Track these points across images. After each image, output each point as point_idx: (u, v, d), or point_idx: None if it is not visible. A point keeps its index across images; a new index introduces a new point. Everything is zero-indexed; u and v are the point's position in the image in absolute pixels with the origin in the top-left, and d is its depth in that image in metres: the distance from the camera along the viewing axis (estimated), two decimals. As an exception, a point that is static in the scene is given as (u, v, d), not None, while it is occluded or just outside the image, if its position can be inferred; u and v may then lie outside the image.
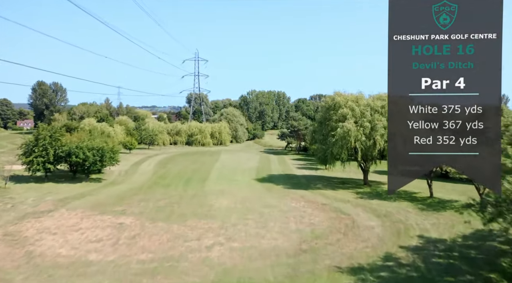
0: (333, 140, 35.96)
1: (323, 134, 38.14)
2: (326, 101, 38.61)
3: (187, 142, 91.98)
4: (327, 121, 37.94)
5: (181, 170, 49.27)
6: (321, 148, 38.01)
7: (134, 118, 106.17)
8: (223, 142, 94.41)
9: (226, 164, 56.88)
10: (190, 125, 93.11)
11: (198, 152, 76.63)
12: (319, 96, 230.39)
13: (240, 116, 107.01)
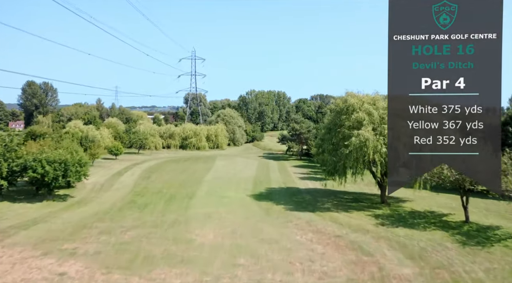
0: (346, 151, 28.89)
1: (333, 143, 31.04)
2: (336, 103, 31.51)
3: (181, 145, 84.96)
4: (338, 127, 30.85)
5: (167, 182, 42.16)
6: (330, 159, 30.91)
7: (126, 120, 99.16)
8: (219, 145, 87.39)
9: (219, 173, 49.80)
10: (184, 127, 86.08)
11: (192, 158, 69.55)
12: (320, 96, 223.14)
13: (238, 118, 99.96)
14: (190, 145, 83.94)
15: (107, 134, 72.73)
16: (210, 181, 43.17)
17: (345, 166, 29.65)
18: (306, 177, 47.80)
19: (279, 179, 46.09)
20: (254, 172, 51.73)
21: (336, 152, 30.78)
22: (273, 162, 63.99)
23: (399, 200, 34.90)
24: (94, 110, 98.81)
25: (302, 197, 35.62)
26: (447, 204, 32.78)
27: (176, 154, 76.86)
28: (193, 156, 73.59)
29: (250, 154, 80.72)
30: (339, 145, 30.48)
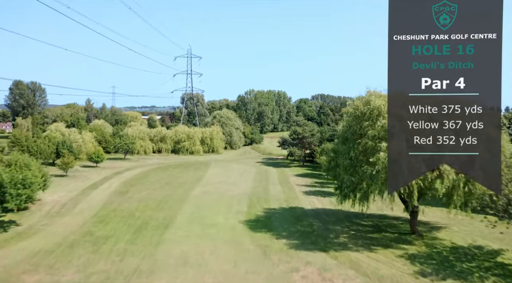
0: (370, 171, 21.18)
1: (350, 158, 23.22)
2: (355, 106, 23.61)
3: (173, 149, 77.26)
4: (358, 137, 23.08)
5: (144, 200, 34.43)
6: (348, 179, 23.12)
7: (116, 122, 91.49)
8: (215, 149, 79.68)
9: (210, 186, 42.06)
10: (176, 130, 78.35)
11: (182, 164, 61.81)
12: (321, 96, 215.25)
13: (235, 119, 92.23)
14: (183, 149, 76.27)
15: (90, 139, 65.10)
16: (197, 198, 35.44)
17: (368, 189, 21.92)
18: (312, 191, 40.02)
19: (279, 194, 38.33)
20: (251, 183, 44.01)
21: (356, 169, 23.01)
22: (273, 170, 56.27)
23: (430, 225, 27.27)
24: (81, 111, 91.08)
25: (309, 223, 27.80)
26: (492, 233, 24.96)
27: (166, 159, 69.15)
28: (184, 161, 65.86)
29: (248, 158, 73.01)
30: (360, 161, 22.74)
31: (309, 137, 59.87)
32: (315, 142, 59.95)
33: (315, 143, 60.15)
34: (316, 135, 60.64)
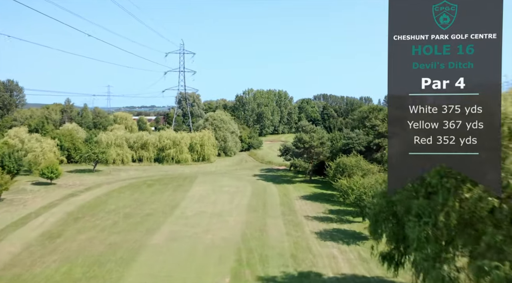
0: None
1: (447, 228, 10.53)
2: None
3: (157, 158, 64.47)
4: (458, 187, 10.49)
5: (70, 259, 21.49)
6: (437, 274, 10.48)
7: (95, 125, 78.73)
8: (206, 157, 66.86)
9: (183, 223, 29.01)
10: (160, 135, 65.51)
11: (161, 179, 48.99)
12: (323, 96, 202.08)
13: (230, 122, 79.44)
14: (168, 158, 63.50)
15: (51, 147, 52.39)
16: (156, 252, 22.62)
17: None
18: (329, 233, 27.15)
19: (283, 239, 25.48)
20: (243, 216, 31.24)
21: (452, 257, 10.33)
22: (273, 189, 43.53)
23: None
24: (55, 113, 78.27)
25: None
26: None
27: (145, 171, 56.35)
28: (166, 175, 53.06)
29: (244, 169, 60.22)
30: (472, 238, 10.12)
31: (318, 146, 47.10)
32: (325, 153, 47.21)
33: (325, 154, 47.43)
34: (326, 144, 47.86)
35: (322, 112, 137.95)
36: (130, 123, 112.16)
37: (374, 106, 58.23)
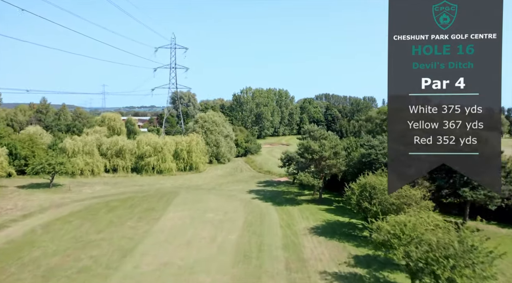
0: None
1: None
2: None
3: (135, 167, 53.10)
4: None
5: None
6: None
7: (68, 128, 67.30)
8: (194, 166, 55.47)
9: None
10: (139, 140, 54.12)
11: (131, 199, 37.52)
12: (326, 95, 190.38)
13: (224, 124, 67.99)
14: (148, 167, 52.12)
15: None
16: None
17: None
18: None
19: None
20: (227, 277, 19.85)
21: None
22: (273, 214, 32.24)
23: None
24: (22, 114, 66.81)
25: None
26: None
27: (116, 185, 44.89)
28: (139, 191, 41.63)
29: (238, 181, 48.87)
30: None
31: (331, 158, 35.65)
32: (339, 166, 35.78)
33: (339, 167, 36.01)
34: (341, 155, 36.41)
35: (325, 113, 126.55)
36: (118, 124, 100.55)
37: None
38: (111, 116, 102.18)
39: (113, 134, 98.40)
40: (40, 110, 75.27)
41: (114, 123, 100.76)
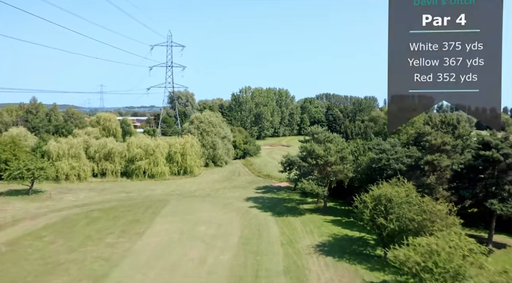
0: None
1: None
2: None
3: (125, 171, 49.30)
4: None
5: None
6: None
7: (56, 130, 63.47)
8: (188, 170, 51.66)
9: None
10: (130, 142, 50.28)
11: (115, 209, 33.68)
12: (326, 95, 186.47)
13: (221, 125, 64.14)
14: (139, 171, 48.33)
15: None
16: None
17: None
18: None
19: None
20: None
21: None
22: (273, 226, 28.43)
23: None
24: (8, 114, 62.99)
25: None
26: None
27: (102, 192, 41.06)
28: (125, 199, 37.82)
29: (235, 187, 45.10)
30: None
31: (337, 163, 31.85)
32: (346, 172, 31.95)
33: (346, 173, 32.19)
34: (349, 160, 32.59)
35: (326, 113, 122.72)
36: (114, 125, 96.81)
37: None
38: (106, 116, 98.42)
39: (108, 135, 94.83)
40: (30, 110, 71.47)
41: (110, 123, 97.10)
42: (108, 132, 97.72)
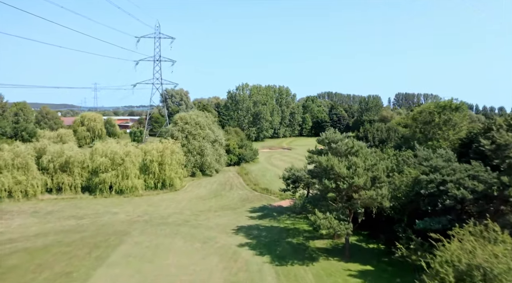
0: None
1: None
2: None
3: (87, 186, 38.58)
4: None
5: None
6: None
7: (14, 132, 52.67)
8: (167, 182, 40.94)
9: None
10: (95, 149, 39.56)
11: (45, 250, 22.79)
12: (328, 94, 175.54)
13: (212, 126, 53.40)
14: (104, 186, 37.62)
15: None
16: None
17: None
18: None
19: None
20: None
21: None
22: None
23: None
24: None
25: None
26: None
27: (45, 218, 30.37)
28: (72, 230, 27.10)
29: (223, 209, 34.47)
30: None
31: (368, 186, 21.14)
32: (382, 200, 21.19)
33: (382, 202, 21.40)
34: (383, 180, 21.85)
35: (330, 112, 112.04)
36: (99, 125, 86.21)
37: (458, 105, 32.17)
38: (91, 116, 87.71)
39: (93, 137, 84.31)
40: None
41: (95, 124, 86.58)
42: (93, 134, 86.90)
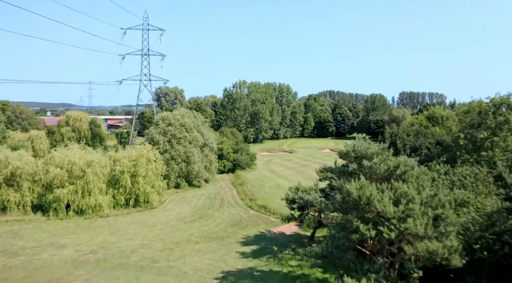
0: None
1: None
2: None
3: (39, 204, 30.06)
4: None
5: None
6: None
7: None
8: (142, 198, 32.44)
9: None
10: (50, 158, 31.06)
11: None
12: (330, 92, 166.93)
13: (201, 128, 44.80)
14: (59, 205, 29.15)
15: None
16: None
17: None
18: None
19: None
20: None
21: None
22: None
23: None
24: None
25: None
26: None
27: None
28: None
29: (207, 239, 25.99)
30: None
31: (428, 235, 12.68)
32: (450, 256, 12.64)
33: (449, 258, 12.85)
34: (448, 223, 13.34)
35: (333, 111, 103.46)
36: (85, 126, 77.65)
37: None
38: (77, 116, 78.77)
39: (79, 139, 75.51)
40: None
41: (80, 124, 77.66)
42: (79, 135, 78.11)
